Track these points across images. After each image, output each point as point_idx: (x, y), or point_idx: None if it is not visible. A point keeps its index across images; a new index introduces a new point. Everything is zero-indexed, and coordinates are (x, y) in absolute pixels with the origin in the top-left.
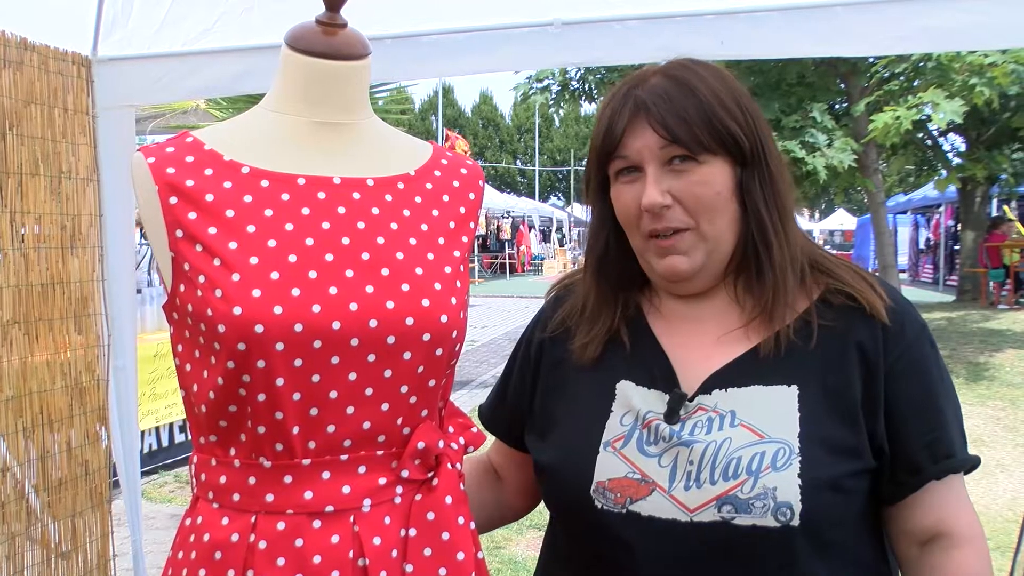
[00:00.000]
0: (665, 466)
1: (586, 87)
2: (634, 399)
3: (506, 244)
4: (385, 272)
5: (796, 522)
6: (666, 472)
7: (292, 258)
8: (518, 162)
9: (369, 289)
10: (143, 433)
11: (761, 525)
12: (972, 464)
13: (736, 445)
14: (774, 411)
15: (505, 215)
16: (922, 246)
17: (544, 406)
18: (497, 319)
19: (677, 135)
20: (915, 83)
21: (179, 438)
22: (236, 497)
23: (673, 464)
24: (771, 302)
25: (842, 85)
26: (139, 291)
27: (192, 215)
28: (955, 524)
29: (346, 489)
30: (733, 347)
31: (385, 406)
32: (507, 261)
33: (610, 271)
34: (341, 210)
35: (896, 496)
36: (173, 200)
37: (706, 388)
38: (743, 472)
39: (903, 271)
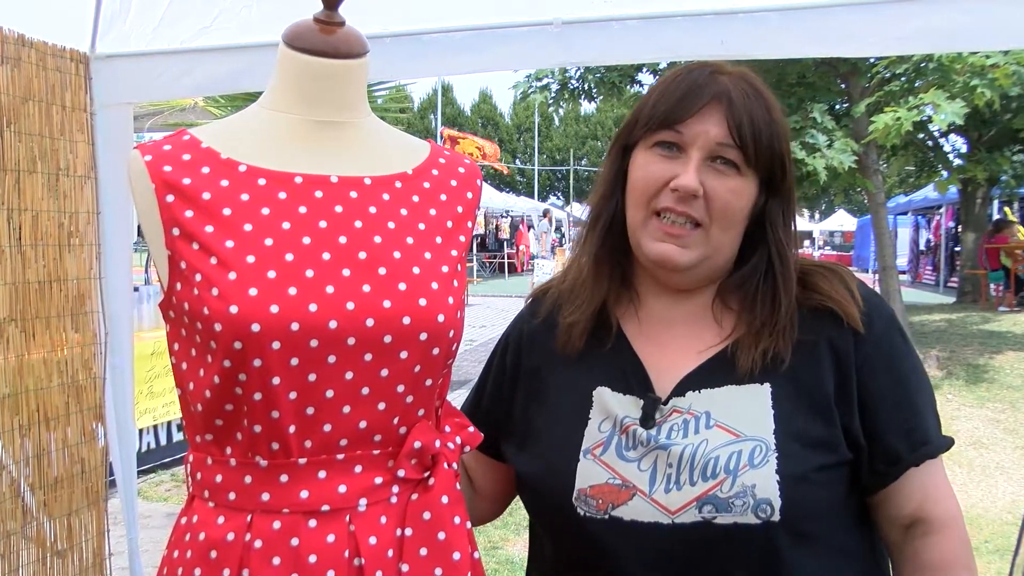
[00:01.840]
0: (645, 470)
1: (586, 86)
2: (611, 405)
3: (505, 243)
4: (382, 271)
5: (777, 517)
6: (646, 476)
7: (289, 257)
8: (517, 161)
9: (366, 288)
10: (140, 431)
11: (742, 523)
12: (947, 446)
13: (713, 445)
14: (748, 410)
15: (504, 214)
16: (922, 247)
17: (523, 415)
18: (495, 318)
19: (745, 141)
20: (916, 84)
21: (176, 437)
22: (232, 496)
23: (653, 468)
24: (754, 328)
25: (843, 85)
26: (136, 289)
27: (189, 213)
28: (934, 509)
29: (342, 488)
30: (706, 349)
31: (382, 405)
32: (506, 260)
33: (616, 232)
34: (338, 209)
35: (878, 485)
36: (170, 198)
37: (680, 391)
38: (722, 471)
39: (903, 272)
